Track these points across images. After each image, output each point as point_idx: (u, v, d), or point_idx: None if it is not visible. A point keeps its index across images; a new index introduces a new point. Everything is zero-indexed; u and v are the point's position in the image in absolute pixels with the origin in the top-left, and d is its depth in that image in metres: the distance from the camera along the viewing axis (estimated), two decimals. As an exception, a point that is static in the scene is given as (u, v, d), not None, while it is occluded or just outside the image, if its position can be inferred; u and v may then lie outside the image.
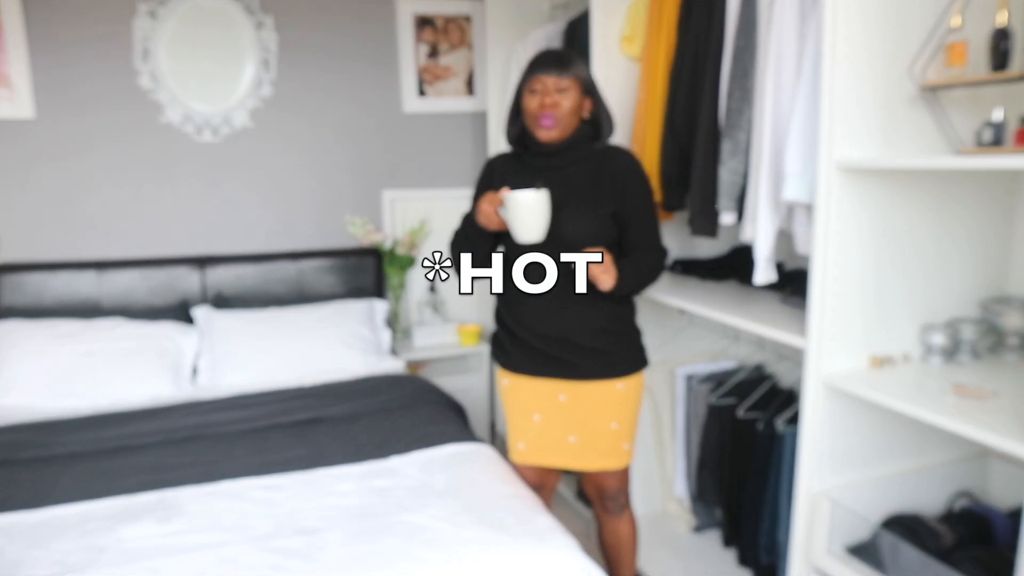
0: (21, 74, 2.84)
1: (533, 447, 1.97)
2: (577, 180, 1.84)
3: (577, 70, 1.81)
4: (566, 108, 1.79)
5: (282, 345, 2.80)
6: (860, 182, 1.55)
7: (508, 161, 1.96)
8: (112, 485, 1.90)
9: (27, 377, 2.52)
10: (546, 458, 1.97)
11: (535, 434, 1.95)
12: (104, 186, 3.02)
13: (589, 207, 1.82)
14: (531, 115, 1.82)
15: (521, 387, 1.94)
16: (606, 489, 2.03)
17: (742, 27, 1.83)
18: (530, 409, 1.94)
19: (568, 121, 1.81)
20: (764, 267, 1.82)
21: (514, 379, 1.96)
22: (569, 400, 1.90)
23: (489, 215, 1.77)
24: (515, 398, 1.96)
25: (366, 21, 3.31)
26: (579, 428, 1.92)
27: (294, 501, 1.81)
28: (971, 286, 1.74)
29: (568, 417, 1.91)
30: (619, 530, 2.10)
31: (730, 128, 1.86)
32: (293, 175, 3.28)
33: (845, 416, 1.66)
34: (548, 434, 1.94)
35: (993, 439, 1.26)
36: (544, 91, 1.79)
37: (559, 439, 1.94)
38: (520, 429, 1.97)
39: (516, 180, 1.83)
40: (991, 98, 1.61)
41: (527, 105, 1.82)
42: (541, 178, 1.79)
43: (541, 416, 1.93)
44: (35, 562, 1.54)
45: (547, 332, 1.86)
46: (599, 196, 1.83)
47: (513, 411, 1.98)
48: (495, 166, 1.97)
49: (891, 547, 1.52)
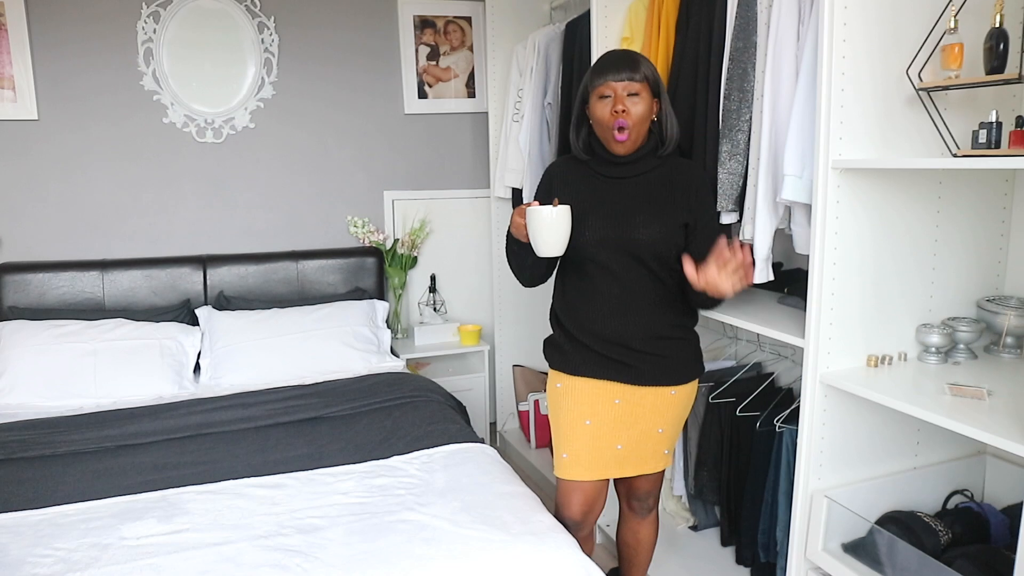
0: (24, 75, 2.85)
1: (577, 458, 1.85)
2: (650, 187, 1.79)
3: (646, 71, 1.72)
4: (639, 113, 1.70)
5: (284, 344, 2.81)
6: (858, 182, 1.56)
7: (572, 168, 1.86)
8: (115, 484, 1.91)
9: (30, 376, 2.54)
10: (591, 470, 1.86)
11: (583, 442, 1.85)
12: (107, 187, 3.03)
13: (664, 215, 1.76)
14: (603, 124, 1.72)
15: (576, 389, 1.85)
16: (637, 490, 1.98)
17: (740, 29, 1.85)
18: (582, 414, 1.84)
19: (640, 127, 1.73)
20: (762, 267, 1.83)
21: (569, 381, 1.86)
22: (623, 403, 1.83)
23: (519, 227, 1.72)
24: (569, 401, 1.86)
25: (367, 23, 3.32)
26: (627, 434, 1.85)
27: (295, 500, 1.82)
28: (967, 286, 1.76)
29: (619, 422, 1.84)
30: (641, 531, 2.06)
31: (729, 129, 1.88)
32: (294, 176, 3.29)
33: (843, 415, 1.67)
34: (597, 441, 1.84)
35: (989, 437, 1.27)
36: (616, 98, 1.69)
37: (607, 447, 1.85)
38: (568, 437, 1.86)
39: (577, 186, 1.80)
40: (987, 99, 1.63)
41: (597, 113, 1.72)
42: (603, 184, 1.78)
43: (593, 421, 1.84)
44: (38, 560, 1.55)
45: (608, 336, 1.80)
46: (674, 205, 1.77)
47: (564, 416, 1.87)
48: (555, 173, 1.88)
49: (887, 544, 1.53)
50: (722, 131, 1.90)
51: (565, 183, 1.84)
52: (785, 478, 1.97)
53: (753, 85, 1.84)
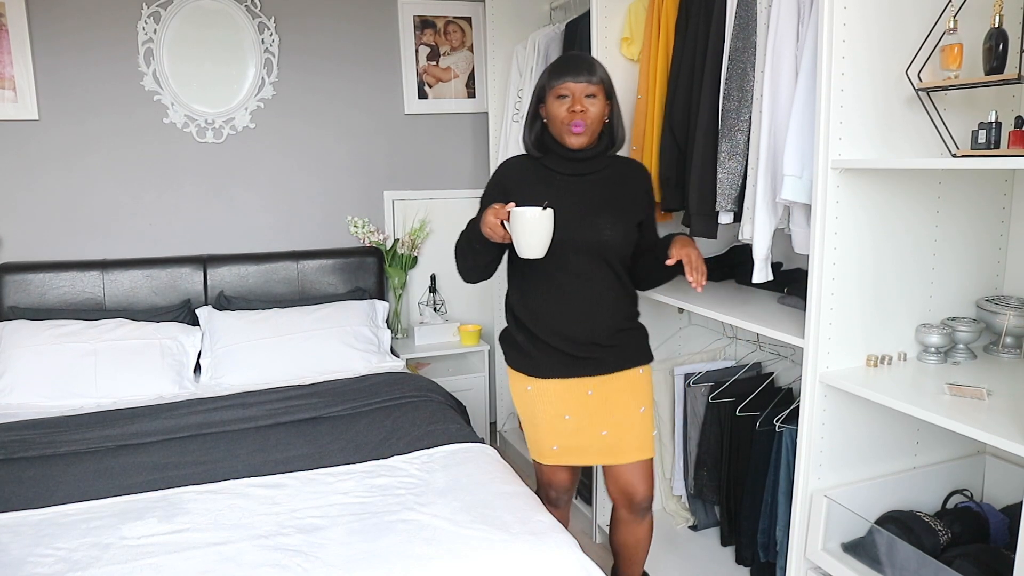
0: (25, 76, 2.86)
1: (567, 448, 1.94)
2: (607, 187, 1.88)
3: (602, 74, 1.82)
4: (595, 114, 1.80)
5: (284, 344, 2.82)
6: (857, 182, 1.57)
7: (525, 166, 1.91)
8: (115, 483, 1.91)
9: (31, 376, 2.54)
10: (581, 457, 1.95)
11: (568, 434, 1.93)
12: (107, 187, 3.04)
13: (625, 215, 1.87)
14: (559, 121, 1.80)
15: (548, 390, 1.91)
16: (635, 495, 1.99)
17: (739, 29, 1.85)
18: (559, 411, 1.91)
19: (596, 127, 1.83)
20: (762, 267, 1.83)
21: (540, 383, 1.91)
22: (596, 393, 1.91)
23: (495, 227, 1.73)
24: (543, 402, 1.92)
25: (367, 23, 3.33)
26: (610, 420, 1.92)
27: (296, 499, 1.83)
28: (967, 286, 1.76)
29: (597, 411, 1.91)
30: (639, 532, 2.08)
31: (728, 129, 1.88)
32: (295, 176, 3.30)
33: (843, 415, 1.67)
34: (580, 432, 1.92)
35: (988, 437, 1.27)
36: (574, 98, 1.78)
37: (592, 436, 1.92)
38: (552, 432, 1.93)
39: (535, 186, 1.83)
40: (986, 100, 1.63)
41: (554, 111, 1.81)
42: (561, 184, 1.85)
43: (572, 415, 1.91)
44: (39, 559, 1.56)
45: (577, 337, 1.86)
46: (632, 204, 1.90)
47: (542, 415, 1.93)
48: (509, 172, 1.92)
49: (887, 544, 1.53)
50: (721, 131, 1.90)
51: (521, 183, 1.86)
52: (785, 478, 1.97)
53: (752, 85, 1.84)
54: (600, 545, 2.65)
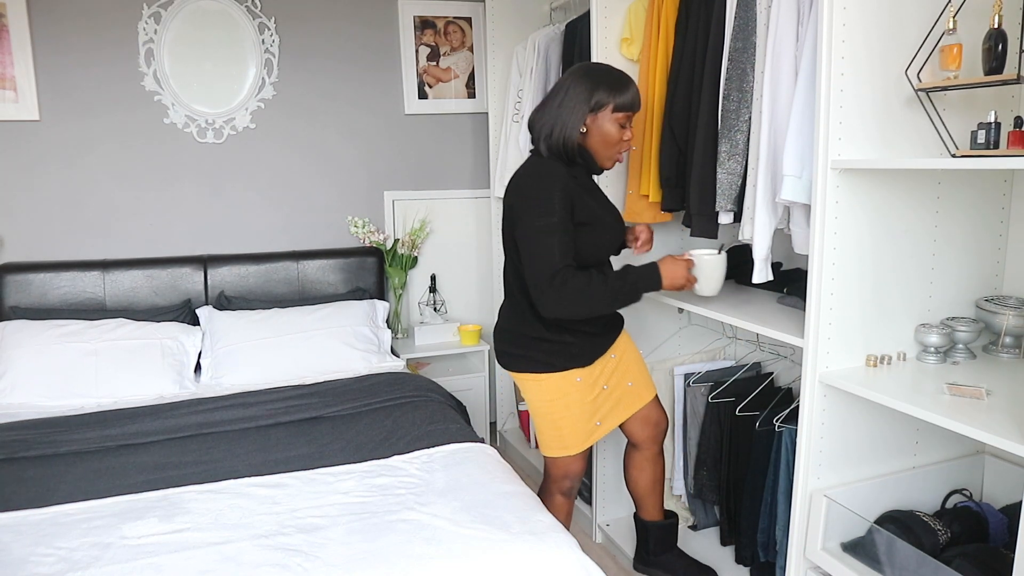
0: (26, 76, 2.86)
1: (607, 416, 2.09)
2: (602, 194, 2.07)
3: None
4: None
5: (284, 344, 2.82)
6: (857, 183, 1.57)
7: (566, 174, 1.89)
8: (116, 483, 1.91)
9: (32, 376, 2.54)
10: (618, 416, 2.12)
11: (606, 404, 2.08)
12: (108, 187, 3.04)
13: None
14: (612, 143, 1.90)
15: (594, 372, 2.04)
16: (661, 423, 2.22)
17: (739, 29, 1.85)
18: (598, 384, 2.06)
19: None
20: (762, 267, 1.84)
21: (587, 371, 2.03)
22: (617, 355, 2.11)
23: (688, 278, 1.91)
24: (588, 385, 2.03)
25: (367, 23, 3.33)
26: (630, 372, 2.14)
27: (296, 499, 1.83)
28: (966, 286, 1.76)
29: (620, 369, 2.11)
30: (657, 468, 2.25)
31: (728, 129, 1.88)
32: (295, 176, 3.30)
33: (842, 414, 1.67)
34: (612, 394, 2.09)
35: (988, 437, 1.27)
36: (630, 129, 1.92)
37: (622, 391, 2.12)
38: (594, 410, 2.06)
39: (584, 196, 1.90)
40: (986, 100, 1.63)
41: (609, 130, 1.89)
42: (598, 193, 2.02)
43: (608, 384, 2.08)
44: (40, 559, 1.56)
45: (609, 319, 2.08)
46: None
47: (582, 401, 2.03)
48: (567, 182, 1.87)
49: (886, 544, 1.54)
50: (721, 131, 1.90)
51: (580, 194, 1.90)
52: (784, 477, 1.97)
53: (752, 85, 1.84)
54: (600, 545, 2.66)
